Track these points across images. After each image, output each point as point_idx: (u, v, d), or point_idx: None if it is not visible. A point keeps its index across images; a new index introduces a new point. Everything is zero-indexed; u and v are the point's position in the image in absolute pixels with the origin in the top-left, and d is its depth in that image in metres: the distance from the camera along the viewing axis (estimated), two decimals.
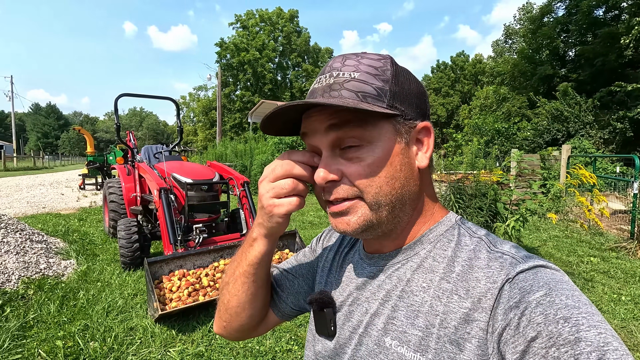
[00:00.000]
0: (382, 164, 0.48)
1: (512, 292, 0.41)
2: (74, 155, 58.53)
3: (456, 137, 15.80)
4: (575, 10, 16.00)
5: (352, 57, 0.51)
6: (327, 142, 0.50)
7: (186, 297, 2.67)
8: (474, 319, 0.43)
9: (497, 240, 0.50)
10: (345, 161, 0.49)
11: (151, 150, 5.13)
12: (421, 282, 0.50)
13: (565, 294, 0.39)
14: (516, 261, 0.45)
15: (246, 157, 12.23)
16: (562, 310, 0.37)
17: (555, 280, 0.41)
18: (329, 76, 0.50)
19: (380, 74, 0.49)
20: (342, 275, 0.64)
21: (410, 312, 0.49)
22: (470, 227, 0.54)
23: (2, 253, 3.56)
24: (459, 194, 3.35)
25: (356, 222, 0.50)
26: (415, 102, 0.51)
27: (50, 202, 8.88)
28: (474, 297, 0.44)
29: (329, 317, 0.59)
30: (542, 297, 0.39)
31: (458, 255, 0.50)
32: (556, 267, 0.44)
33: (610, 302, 3.10)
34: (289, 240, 3.69)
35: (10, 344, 2.32)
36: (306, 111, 0.52)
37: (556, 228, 5.88)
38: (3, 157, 23.86)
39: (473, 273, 0.46)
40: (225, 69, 35.36)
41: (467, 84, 39.28)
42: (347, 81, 0.48)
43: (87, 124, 77.49)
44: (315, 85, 0.52)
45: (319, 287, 0.67)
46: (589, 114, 13.14)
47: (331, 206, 0.52)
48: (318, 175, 0.49)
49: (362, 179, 0.48)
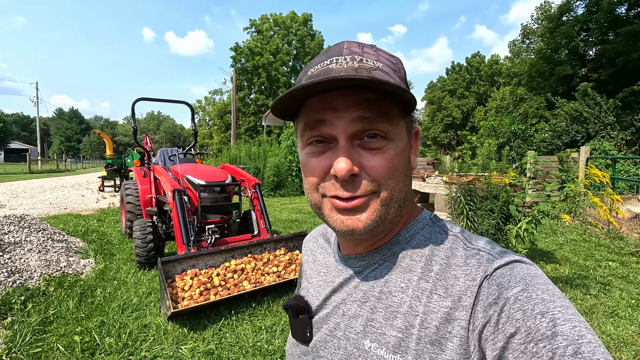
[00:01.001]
0: (401, 159, 0.48)
1: (490, 289, 0.42)
2: (94, 158, 60.31)
3: (471, 139, 15.57)
4: (596, 8, 15.56)
5: (367, 46, 0.48)
6: (350, 132, 0.45)
7: (198, 296, 2.73)
8: (455, 317, 0.43)
9: (472, 237, 0.50)
10: (365, 152, 0.46)
11: (166, 153, 5.27)
12: (399, 282, 0.49)
13: (541, 288, 0.39)
14: (492, 257, 0.45)
15: (259, 160, 12.38)
16: (539, 305, 0.37)
17: (531, 275, 0.42)
18: (351, 59, 0.45)
19: (397, 70, 0.48)
20: (319, 279, 0.62)
21: (389, 313, 0.48)
22: (444, 224, 0.54)
23: (25, 251, 3.72)
24: (469, 196, 3.32)
25: (368, 218, 0.47)
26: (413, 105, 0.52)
27: (72, 203, 9.19)
28: (454, 296, 0.44)
29: (305, 323, 0.58)
30: (519, 292, 0.39)
31: (435, 254, 0.49)
32: (530, 262, 0.45)
33: (628, 307, 3.01)
34: (299, 241, 3.73)
35: (31, 337, 2.42)
36: (321, 94, 0.45)
37: (574, 231, 5.72)
38: (28, 160, 24.80)
39: (451, 271, 0.46)
40: (240, 73, 35.82)
41: (483, 85, 38.61)
42: (373, 69, 0.44)
43: (107, 127, 79.77)
44: (332, 65, 0.45)
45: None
46: (610, 114, 12.72)
47: (340, 202, 0.47)
48: (340, 166, 0.44)
49: (384, 172, 0.46)
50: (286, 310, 0.61)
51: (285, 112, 0.50)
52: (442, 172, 5.65)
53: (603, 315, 2.89)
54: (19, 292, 2.99)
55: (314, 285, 0.63)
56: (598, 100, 13.05)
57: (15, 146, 65.44)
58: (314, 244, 0.71)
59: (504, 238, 3.37)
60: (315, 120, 0.47)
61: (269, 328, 2.68)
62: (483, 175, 3.50)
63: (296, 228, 6.21)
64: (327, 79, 0.40)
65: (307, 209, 8.26)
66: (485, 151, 4.00)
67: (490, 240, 0.50)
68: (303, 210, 8.14)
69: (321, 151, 0.48)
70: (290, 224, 6.56)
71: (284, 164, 11.37)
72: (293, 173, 11.16)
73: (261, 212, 3.99)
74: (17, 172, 23.82)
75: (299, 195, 11.14)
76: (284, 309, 0.62)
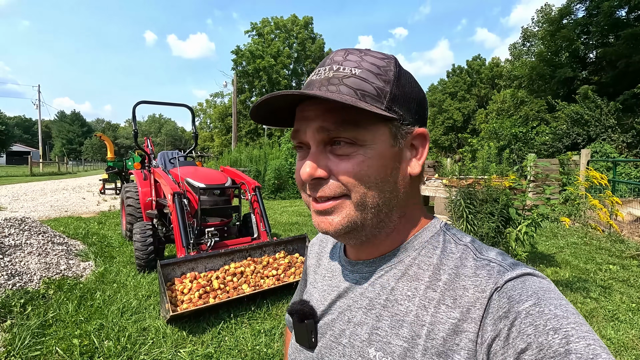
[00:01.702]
0: (373, 165, 0.47)
1: (500, 302, 0.41)
2: (96, 161, 60.43)
3: (471, 142, 15.56)
4: (596, 11, 15.59)
5: (355, 52, 0.49)
6: (318, 139, 0.48)
7: (197, 299, 2.73)
8: (463, 329, 0.42)
9: (482, 247, 0.49)
10: (334, 158, 0.47)
11: (167, 155, 5.28)
12: (406, 290, 0.49)
13: (553, 303, 0.38)
14: (503, 269, 0.44)
15: (260, 163, 12.40)
16: (551, 321, 0.36)
17: (543, 289, 0.41)
18: (329, 69, 0.48)
19: (382, 73, 0.47)
20: (324, 283, 0.62)
21: (394, 321, 0.47)
22: (455, 233, 0.53)
23: (25, 254, 3.73)
24: (469, 199, 3.32)
25: (339, 223, 0.48)
26: (414, 107, 0.50)
27: (72, 206, 9.21)
28: (463, 307, 0.43)
29: (310, 328, 0.57)
30: (531, 306, 0.38)
31: (444, 263, 0.48)
32: (543, 275, 0.44)
33: (628, 311, 2.99)
34: (299, 244, 3.73)
35: (30, 341, 2.42)
36: (300, 104, 0.49)
37: (574, 234, 5.71)
38: (30, 163, 24.88)
39: (460, 281, 0.45)
40: (241, 76, 35.96)
41: (483, 88, 38.65)
42: (347, 77, 0.46)
43: (109, 130, 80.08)
44: (313, 76, 0.49)
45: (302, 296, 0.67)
46: (611, 117, 12.72)
47: (315, 204, 0.50)
48: (304, 170, 0.47)
49: (350, 177, 0.46)
50: (291, 315, 0.61)
51: (266, 119, 0.53)
52: (442, 175, 5.65)
53: (603, 319, 2.87)
54: (18, 295, 2.99)
55: (318, 289, 0.62)
56: (599, 102, 13.05)
57: (17, 149, 65.66)
58: (319, 248, 0.71)
59: (503, 241, 3.37)
60: (295, 130, 0.51)
61: (268, 332, 2.68)
62: (483, 178, 3.50)
63: (296, 231, 6.21)
64: (276, 95, 0.45)
65: (307, 211, 8.26)
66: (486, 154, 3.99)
67: (502, 252, 0.49)
68: (303, 213, 8.14)
69: (302, 156, 0.51)
70: (290, 227, 6.56)
71: (285, 166, 11.39)
72: (293, 176, 11.16)
73: (261, 215, 3.99)
74: (19, 175, 23.90)
75: (299, 198, 11.14)
76: (289, 313, 0.61)
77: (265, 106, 0.48)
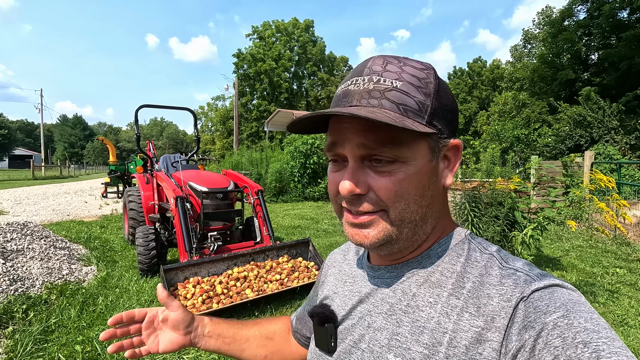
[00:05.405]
0: (412, 181, 0.46)
1: (527, 312, 0.40)
2: (98, 165, 60.69)
3: (473, 144, 15.53)
4: (598, 13, 15.60)
5: (394, 61, 0.48)
6: (358, 155, 0.47)
7: (200, 304, 2.71)
8: (487, 338, 0.41)
9: (509, 257, 0.48)
10: (374, 174, 0.47)
11: (169, 159, 5.27)
12: (427, 297, 0.48)
13: (584, 316, 0.37)
14: (530, 279, 0.43)
15: (262, 166, 12.39)
16: (581, 334, 0.35)
17: (573, 301, 0.39)
18: (369, 80, 0.47)
19: (423, 86, 0.46)
20: (345, 289, 0.62)
21: (415, 327, 0.47)
22: (480, 242, 0.52)
23: (27, 259, 3.71)
24: (474, 202, 3.29)
25: (375, 237, 0.48)
26: (450, 118, 0.49)
27: (74, 209, 9.21)
28: (487, 316, 0.42)
29: (330, 332, 0.57)
30: (559, 318, 0.37)
31: (468, 271, 0.48)
32: (572, 287, 0.42)
33: (637, 315, 2.95)
34: (302, 248, 3.70)
35: (32, 347, 2.40)
36: (336, 116, 0.49)
37: (580, 237, 5.66)
38: (32, 167, 24.95)
39: (485, 290, 0.44)
40: (243, 79, 36.08)
41: (485, 90, 38.68)
42: (388, 90, 0.45)
43: (111, 134, 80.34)
44: (350, 86, 0.48)
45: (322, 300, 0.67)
46: (614, 119, 12.68)
47: (350, 216, 0.49)
48: (343, 186, 0.46)
49: (391, 194, 0.46)
50: (312, 317, 0.61)
51: (303, 130, 0.53)
52: None
53: (612, 324, 2.83)
54: (20, 301, 2.97)
55: (340, 294, 0.62)
56: (601, 104, 13.02)
57: (20, 152, 66.01)
58: (340, 256, 0.71)
59: (509, 245, 3.34)
60: (331, 142, 0.50)
61: None
62: (487, 181, 3.47)
63: (299, 234, 6.18)
64: (319, 113, 0.45)
65: (309, 214, 8.23)
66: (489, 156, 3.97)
67: (529, 262, 0.48)
68: (306, 216, 8.10)
69: (337, 169, 0.51)
70: (293, 230, 6.53)
71: (286, 169, 11.36)
72: (295, 179, 11.13)
73: (264, 218, 3.97)
74: (21, 179, 23.97)
75: (301, 201, 11.11)
76: (309, 316, 0.61)
77: (305, 119, 0.48)
